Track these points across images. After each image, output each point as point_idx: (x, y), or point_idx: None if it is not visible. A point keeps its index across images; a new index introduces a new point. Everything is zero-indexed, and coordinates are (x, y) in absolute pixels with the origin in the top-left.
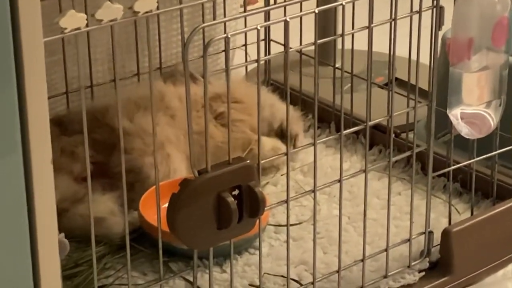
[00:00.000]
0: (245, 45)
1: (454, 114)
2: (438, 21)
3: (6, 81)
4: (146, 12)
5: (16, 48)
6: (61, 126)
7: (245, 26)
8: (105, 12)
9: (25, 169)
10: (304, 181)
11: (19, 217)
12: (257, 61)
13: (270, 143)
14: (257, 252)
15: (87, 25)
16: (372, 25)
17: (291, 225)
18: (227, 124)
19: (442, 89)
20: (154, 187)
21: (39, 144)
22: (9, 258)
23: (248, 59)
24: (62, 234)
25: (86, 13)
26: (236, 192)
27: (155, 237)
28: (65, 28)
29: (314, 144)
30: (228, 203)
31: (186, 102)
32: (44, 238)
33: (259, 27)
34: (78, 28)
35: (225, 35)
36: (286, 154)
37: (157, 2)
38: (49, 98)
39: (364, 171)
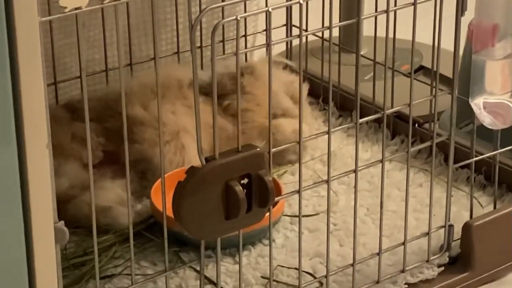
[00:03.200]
0: (268, 29)
1: (477, 103)
2: (461, 7)
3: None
4: None
5: (9, 28)
6: (74, 112)
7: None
8: None
9: (20, 154)
10: (323, 170)
11: (13, 203)
12: (268, 45)
13: (291, 125)
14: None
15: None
16: (391, 9)
17: (304, 216)
18: (237, 110)
19: (467, 77)
20: (165, 175)
21: (34, 129)
22: (3, 246)
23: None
24: (62, 222)
25: None
26: (245, 181)
27: (167, 226)
28: (65, 8)
29: (328, 133)
30: (236, 192)
31: (193, 87)
32: (39, 225)
33: (270, 9)
34: (79, 8)
35: (233, 17)
36: (299, 143)
37: None
38: (62, 81)
39: (381, 161)
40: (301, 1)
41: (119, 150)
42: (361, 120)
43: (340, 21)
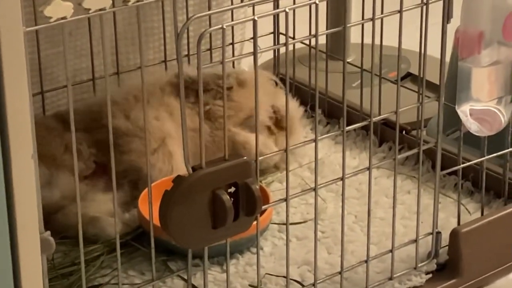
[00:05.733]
0: (254, 38)
1: (463, 110)
2: (447, 14)
3: None
4: (138, 1)
5: None
6: (65, 122)
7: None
8: (93, 1)
9: (5, 165)
10: (311, 178)
11: None
12: (253, 53)
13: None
14: (260, 251)
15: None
16: (377, 16)
17: (292, 223)
18: (223, 117)
19: (455, 84)
20: (153, 184)
21: (19, 139)
22: None
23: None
24: (48, 232)
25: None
26: (232, 189)
27: (155, 235)
28: (50, 17)
29: (315, 140)
30: (223, 201)
31: (180, 96)
32: (25, 236)
33: (256, 18)
34: (64, 18)
35: (219, 26)
36: (286, 150)
37: None
38: (49, 91)
39: (369, 168)
40: (287, 10)
41: (109, 161)
42: (348, 128)
43: (327, 29)
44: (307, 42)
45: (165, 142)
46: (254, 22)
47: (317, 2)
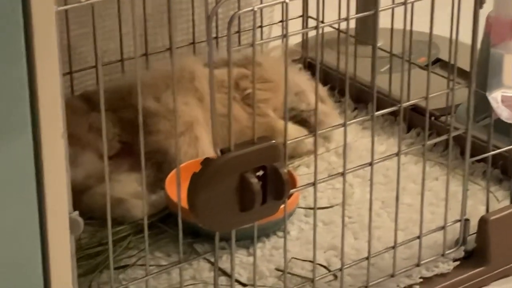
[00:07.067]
0: (282, 21)
1: (494, 97)
2: None
3: (15, 53)
4: None
5: (26, 18)
6: (90, 102)
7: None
8: None
9: (35, 144)
10: (338, 163)
11: (28, 193)
12: (284, 36)
13: (292, 131)
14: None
15: None
16: (408, 1)
17: (319, 208)
18: (252, 102)
19: (486, 70)
20: (180, 166)
21: (50, 118)
22: (18, 236)
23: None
24: (76, 213)
25: None
26: (260, 173)
27: (181, 217)
28: None
29: (344, 125)
30: (251, 184)
31: (209, 79)
32: (54, 216)
33: (287, 0)
34: None
35: (250, 8)
36: (315, 135)
37: None
38: (77, 71)
39: (397, 154)
40: None
41: (134, 142)
42: (377, 113)
43: (357, 13)
44: (336, 26)
45: (193, 127)
46: (285, 5)
47: None
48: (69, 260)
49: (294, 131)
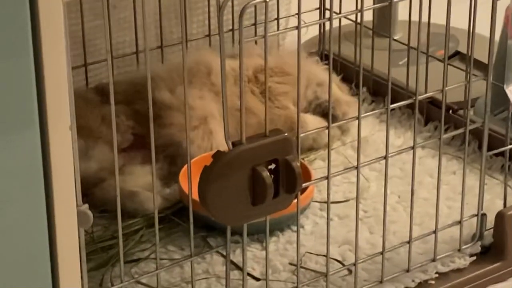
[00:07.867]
0: (298, 13)
1: None
2: None
3: (22, 45)
4: None
5: (32, 9)
6: (103, 95)
7: None
8: None
9: (42, 136)
10: (354, 156)
11: (36, 186)
12: (297, 27)
13: (313, 123)
14: (300, 229)
15: None
16: None
17: (334, 202)
18: (265, 94)
19: (504, 63)
20: (194, 159)
21: (57, 110)
22: (25, 229)
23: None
24: (86, 205)
25: None
26: (272, 166)
27: (194, 210)
28: None
29: (358, 118)
30: (263, 177)
31: (221, 70)
32: (62, 208)
33: None
34: None
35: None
36: (328, 128)
37: None
38: (92, 63)
39: (413, 147)
40: None
41: (148, 134)
42: (392, 106)
43: (373, 4)
44: (352, 17)
45: (207, 121)
46: None
47: None
48: (77, 253)
49: (316, 122)
